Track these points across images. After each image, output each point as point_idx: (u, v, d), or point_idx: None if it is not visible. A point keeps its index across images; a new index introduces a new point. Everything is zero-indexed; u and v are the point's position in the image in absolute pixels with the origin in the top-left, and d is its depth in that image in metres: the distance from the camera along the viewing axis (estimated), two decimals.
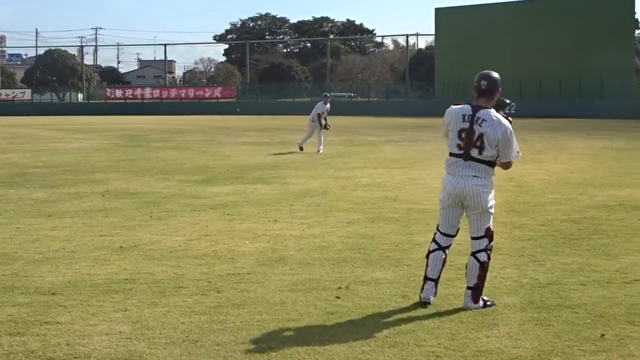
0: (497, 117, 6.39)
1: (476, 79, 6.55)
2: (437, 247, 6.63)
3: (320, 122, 24.34)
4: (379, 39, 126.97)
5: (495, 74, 6.54)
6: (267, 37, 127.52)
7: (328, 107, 24.93)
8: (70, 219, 11.14)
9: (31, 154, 24.33)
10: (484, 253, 6.45)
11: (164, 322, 6.01)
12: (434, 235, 6.72)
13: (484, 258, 6.44)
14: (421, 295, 6.57)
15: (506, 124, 6.39)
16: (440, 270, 6.59)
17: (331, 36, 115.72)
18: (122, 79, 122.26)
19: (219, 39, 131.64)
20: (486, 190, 6.43)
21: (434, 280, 6.57)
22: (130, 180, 16.23)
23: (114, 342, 5.53)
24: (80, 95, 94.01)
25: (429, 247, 6.73)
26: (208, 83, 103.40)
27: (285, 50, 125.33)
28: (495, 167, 6.54)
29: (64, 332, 5.77)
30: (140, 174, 17.68)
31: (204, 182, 15.99)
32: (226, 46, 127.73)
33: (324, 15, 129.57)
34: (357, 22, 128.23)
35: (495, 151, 6.41)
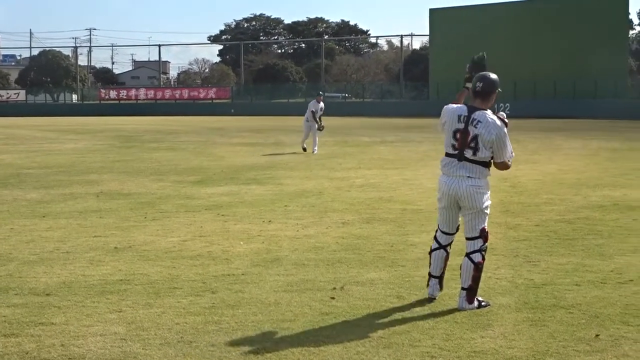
0: (493, 119, 6.40)
1: (474, 79, 6.57)
2: (438, 245, 6.75)
3: (315, 120, 24.31)
4: (373, 40, 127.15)
5: (493, 76, 6.55)
6: (261, 37, 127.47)
7: (322, 105, 24.87)
8: (65, 220, 11.12)
9: (25, 154, 24.29)
10: (479, 254, 6.46)
11: (158, 323, 6.01)
12: (435, 233, 6.82)
13: (479, 259, 6.45)
14: (427, 291, 6.75)
15: (501, 125, 6.41)
16: (443, 268, 6.72)
17: (325, 37, 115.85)
18: (116, 79, 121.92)
19: (214, 39, 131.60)
20: (481, 190, 6.44)
21: (438, 277, 6.71)
22: (125, 181, 16.21)
23: (108, 343, 5.53)
24: (75, 96, 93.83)
25: (431, 245, 6.84)
26: (202, 84, 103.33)
27: (279, 51, 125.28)
28: (491, 168, 6.56)
29: (58, 333, 5.76)
30: (135, 174, 17.66)
31: (198, 183, 15.98)
32: (220, 47, 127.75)
33: (319, 16, 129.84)
34: (351, 23, 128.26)
35: (489, 152, 6.42)
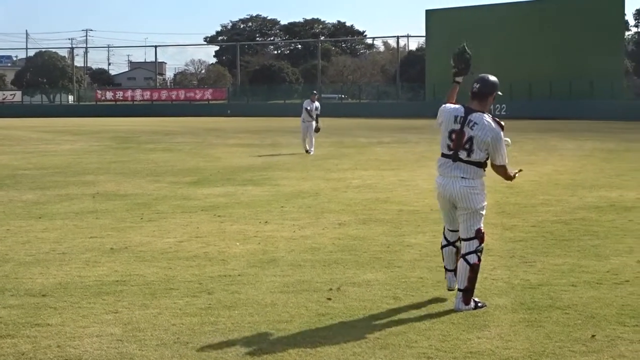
0: (489, 122, 6.41)
1: (473, 81, 6.58)
2: (446, 242, 6.89)
3: (310, 116, 24.25)
4: (369, 41, 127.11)
5: (492, 78, 6.55)
6: (257, 38, 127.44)
7: (317, 105, 24.79)
8: (61, 221, 11.11)
9: (21, 155, 24.26)
10: (474, 255, 6.46)
11: (155, 324, 6.00)
12: (443, 230, 6.92)
13: (474, 260, 6.46)
14: (446, 284, 6.88)
15: (497, 128, 6.41)
16: (456, 261, 6.74)
17: (322, 38, 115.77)
18: (112, 80, 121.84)
19: (210, 40, 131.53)
20: (475, 191, 6.44)
21: (452, 270, 6.79)
22: (121, 182, 16.20)
23: (104, 344, 5.52)
24: (71, 97, 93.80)
25: (441, 241, 6.95)
26: (199, 85, 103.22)
27: (276, 52, 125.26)
28: (487, 169, 6.56)
29: (54, 334, 5.75)
30: (131, 175, 17.65)
31: (194, 183, 15.98)
32: (217, 48, 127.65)
33: (315, 17, 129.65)
34: (347, 24, 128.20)
35: (484, 154, 6.43)
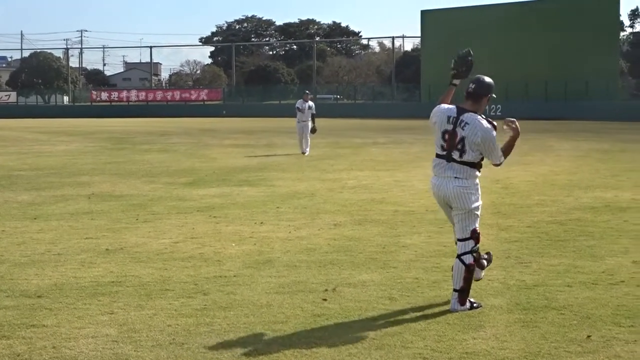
0: (480, 121, 6.40)
1: (470, 82, 6.57)
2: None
3: (305, 117, 24.25)
4: (365, 41, 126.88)
5: (488, 79, 6.56)
6: (253, 39, 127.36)
7: (310, 104, 24.76)
8: (56, 222, 11.10)
9: (17, 156, 24.22)
10: (470, 255, 6.47)
11: (150, 325, 6.00)
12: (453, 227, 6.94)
13: (470, 260, 6.46)
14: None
15: (488, 127, 6.40)
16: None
17: (317, 38, 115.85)
18: (107, 81, 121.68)
19: (205, 41, 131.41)
20: (468, 191, 6.44)
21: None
22: (116, 183, 16.18)
23: (100, 345, 5.52)
24: (66, 98, 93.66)
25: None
26: (194, 85, 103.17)
27: (271, 53, 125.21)
28: (481, 169, 6.56)
29: (50, 335, 5.74)
30: (126, 176, 17.63)
31: (190, 184, 15.97)
32: (212, 48, 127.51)
33: (310, 18, 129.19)
34: (343, 24, 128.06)
35: (477, 154, 6.43)
